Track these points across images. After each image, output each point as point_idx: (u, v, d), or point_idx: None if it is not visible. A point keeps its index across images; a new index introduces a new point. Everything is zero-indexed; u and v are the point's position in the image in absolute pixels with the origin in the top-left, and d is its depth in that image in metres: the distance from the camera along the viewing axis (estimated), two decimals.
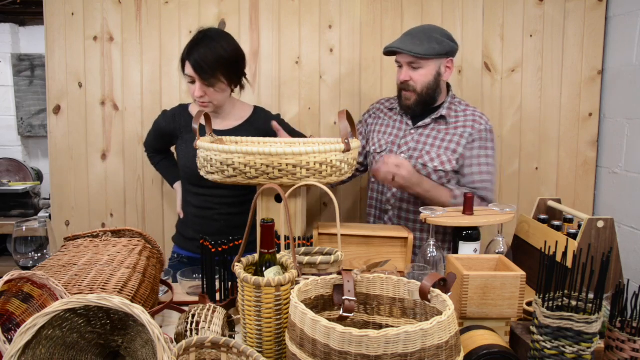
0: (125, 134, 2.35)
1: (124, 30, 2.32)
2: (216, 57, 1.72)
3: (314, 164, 1.41)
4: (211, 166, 1.46)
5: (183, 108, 1.96)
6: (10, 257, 2.54)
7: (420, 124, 1.93)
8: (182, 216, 2.01)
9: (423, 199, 1.80)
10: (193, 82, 1.75)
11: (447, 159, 1.86)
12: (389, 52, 1.87)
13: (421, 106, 1.90)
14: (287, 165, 1.40)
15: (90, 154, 2.37)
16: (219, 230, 1.84)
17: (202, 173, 1.53)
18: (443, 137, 1.89)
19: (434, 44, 1.81)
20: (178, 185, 2.07)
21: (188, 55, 1.73)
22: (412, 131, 1.94)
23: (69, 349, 0.89)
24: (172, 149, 2.12)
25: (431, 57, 1.81)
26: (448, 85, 1.96)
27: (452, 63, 1.88)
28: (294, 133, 2.02)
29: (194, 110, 1.93)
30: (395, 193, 1.95)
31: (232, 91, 1.87)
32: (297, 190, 1.51)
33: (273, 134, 1.87)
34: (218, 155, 1.43)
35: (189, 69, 1.73)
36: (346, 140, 1.45)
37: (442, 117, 1.91)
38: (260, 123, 1.91)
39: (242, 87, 1.90)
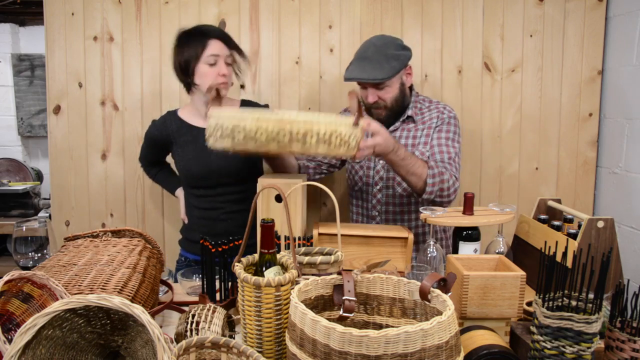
0: (125, 134, 2.36)
1: (124, 30, 2.32)
2: (231, 38, 1.82)
3: (324, 134, 1.40)
4: (222, 132, 1.42)
5: (172, 114, 1.95)
6: (10, 257, 2.54)
7: (391, 128, 1.95)
8: (186, 221, 2.01)
9: (399, 168, 1.70)
10: (214, 64, 1.77)
11: (419, 153, 1.89)
12: (346, 80, 1.84)
13: (393, 117, 1.93)
14: (297, 132, 1.39)
15: (90, 154, 2.37)
16: (226, 230, 1.83)
17: (210, 141, 1.46)
18: (414, 134, 1.93)
19: (393, 62, 1.81)
20: (180, 192, 2.07)
21: (213, 34, 1.77)
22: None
23: (69, 349, 0.89)
24: (168, 158, 2.10)
25: (394, 76, 1.82)
26: (410, 87, 1.98)
27: (410, 69, 1.91)
28: None
29: (183, 114, 1.93)
30: (380, 199, 1.97)
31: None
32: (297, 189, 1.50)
33: None
34: (229, 120, 1.41)
35: (216, 47, 1.76)
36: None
37: (409, 117, 1.95)
38: None
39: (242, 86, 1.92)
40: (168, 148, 1.96)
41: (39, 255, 1.38)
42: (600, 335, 0.97)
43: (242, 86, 2.36)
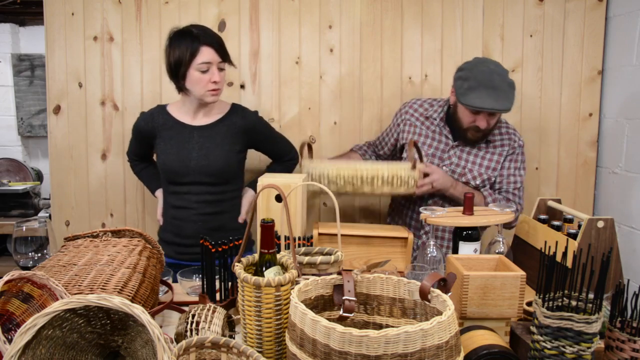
0: (125, 134, 2.35)
1: (124, 30, 2.32)
2: (222, 41, 1.83)
3: (387, 177, 1.81)
4: (310, 179, 1.83)
5: (161, 108, 1.96)
6: (10, 257, 2.54)
7: (460, 141, 1.96)
8: (161, 223, 2.01)
9: (458, 201, 1.86)
10: (206, 70, 1.77)
11: (487, 177, 1.94)
12: (475, 109, 1.83)
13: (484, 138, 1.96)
14: (367, 176, 1.82)
15: (90, 154, 2.37)
16: (196, 232, 1.79)
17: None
18: (483, 155, 1.95)
19: (513, 91, 1.84)
20: (159, 193, 2.06)
21: (202, 40, 1.75)
22: (454, 145, 1.97)
23: (69, 349, 0.89)
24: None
25: None
26: None
27: None
28: (273, 134, 2.03)
29: (172, 109, 1.93)
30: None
31: None
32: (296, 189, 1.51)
33: (250, 130, 1.92)
34: (316, 170, 1.85)
35: (208, 54, 1.76)
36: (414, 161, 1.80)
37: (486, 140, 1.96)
38: (239, 118, 1.92)
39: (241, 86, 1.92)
40: (152, 141, 1.94)
41: (39, 255, 1.38)
42: (600, 335, 0.97)
43: (242, 86, 2.36)
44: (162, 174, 1.94)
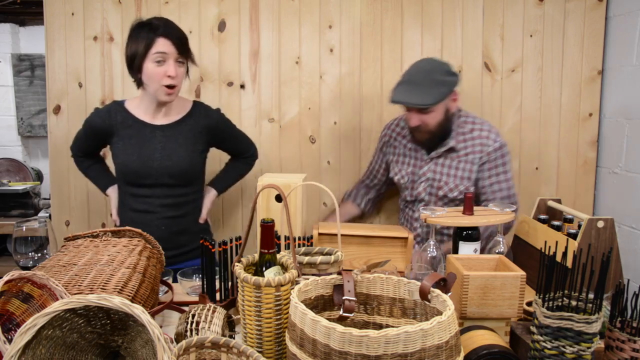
0: None
1: (124, 30, 2.31)
2: (185, 35, 1.75)
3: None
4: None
5: (118, 104, 1.85)
6: (10, 257, 2.54)
7: (433, 154, 1.96)
8: (117, 223, 1.91)
9: None
10: (162, 62, 1.69)
11: (464, 187, 1.92)
12: (393, 103, 1.85)
13: (435, 141, 1.93)
14: None
15: None
16: (160, 237, 1.65)
17: None
18: (456, 165, 1.93)
19: (440, 88, 1.81)
20: (112, 191, 1.96)
21: (159, 31, 1.68)
22: (427, 161, 1.97)
23: (69, 349, 0.89)
24: (102, 153, 2.03)
25: (440, 102, 1.82)
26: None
27: (456, 94, 1.89)
28: (235, 132, 1.99)
29: (130, 106, 1.84)
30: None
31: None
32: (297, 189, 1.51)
33: (213, 128, 1.87)
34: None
35: (164, 45, 1.67)
36: None
37: (452, 148, 1.94)
38: (201, 117, 1.85)
39: (187, 73, 1.83)
40: (107, 140, 1.85)
41: (39, 255, 1.38)
42: (600, 335, 0.97)
43: (242, 86, 2.36)
44: (121, 175, 1.83)
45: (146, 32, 1.69)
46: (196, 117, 1.85)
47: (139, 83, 1.77)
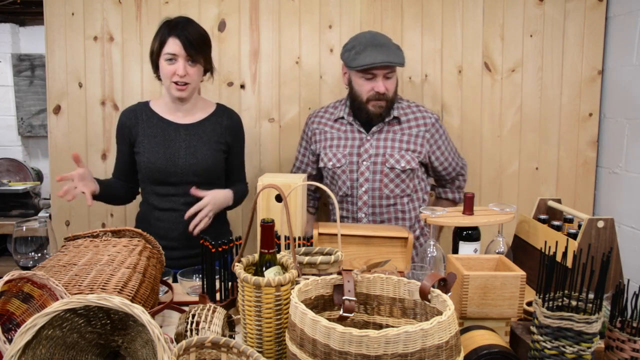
0: None
1: (124, 30, 2.32)
2: (200, 35, 1.77)
3: None
4: None
5: (143, 104, 1.90)
6: (10, 257, 2.54)
7: (374, 129, 1.96)
8: (90, 203, 1.69)
9: None
10: (173, 60, 1.73)
11: (410, 157, 1.93)
12: (367, 67, 1.83)
13: (387, 112, 1.94)
14: None
15: (90, 154, 2.37)
16: (181, 235, 1.71)
17: None
18: (400, 137, 1.95)
19: (400, 51, 1.88)
20: (96, 181, 1.80)
21: (173, 31, 1.73)
22: (369, 138, 1.96)
23: (69, 349, 0.89)
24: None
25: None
26: None
27: None
28: (243, 147, 1.96)
29: (154, 105, 1.88)
30: (367, 201, 1.97)
31: (202, 79, 1.86)
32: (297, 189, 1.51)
33: (234, 130, 1.90)
34: None
35: (173, 46, 1.72)
36: None
37: (395, 118, 1.96)
38: (224, 117, 1.90)
39: (211, 72, 1.88)
40: (134, 141, 1.85)
41: (39, 255, 1.38)
42: (600, 335, 0.97)
43: (242, 86, 2.36)
44: (146, 174, 1.83)
45: (163, 30, 1.76)
46: (219, 117, 1.90)
47: (159, 78, 1.84)
